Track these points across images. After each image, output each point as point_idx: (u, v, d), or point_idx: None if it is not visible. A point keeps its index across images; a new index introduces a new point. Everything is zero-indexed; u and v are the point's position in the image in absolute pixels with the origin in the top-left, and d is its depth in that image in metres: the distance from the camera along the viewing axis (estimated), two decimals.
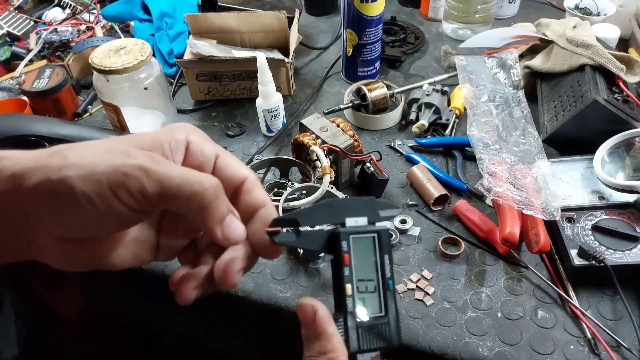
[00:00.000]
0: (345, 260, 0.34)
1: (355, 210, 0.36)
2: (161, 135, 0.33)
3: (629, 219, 0.65)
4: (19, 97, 0.93)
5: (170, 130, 0.34)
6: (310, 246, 0.35)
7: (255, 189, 0.34)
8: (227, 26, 0.97)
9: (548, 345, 0.58)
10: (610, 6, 1.00)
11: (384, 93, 0.87)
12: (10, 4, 1.21)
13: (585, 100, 0.72)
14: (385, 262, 0.35)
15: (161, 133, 0.33)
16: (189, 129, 0.35)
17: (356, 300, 0.33)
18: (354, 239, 0.35)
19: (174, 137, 0.33)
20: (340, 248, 0.34)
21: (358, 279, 0.34)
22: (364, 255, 0.35)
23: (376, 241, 0.36)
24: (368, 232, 0.36)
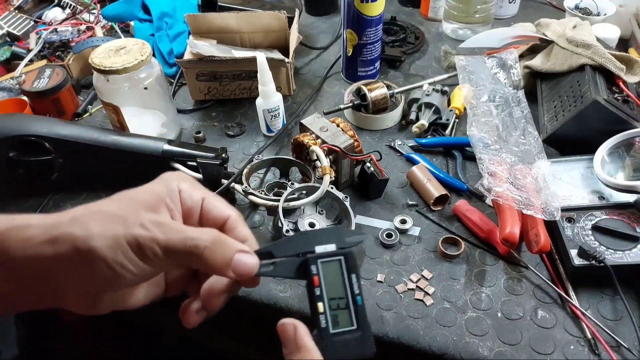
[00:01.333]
0: (315, 282, 0.39)
1: (324, 239, 0.40)
2: (160, 190, 0.39)
3: (629, 219, 0.65)
4: (19, 97, 0.93)
5: (165, 183, 0.40)
6: (285, 274, 0.40)
7: (238, 226, 0.40)
8: (227, 26, 0.97)
9: (548, 345, 0.58)
10: (610, 6, 1.00)
11: (384, 93, 0.87)
12: (10, 4, 1.21)
13: (585, 100, 0.72)
14: (353, 281, 0.39)
15: (158, 188, 0.39)
16: (179, 177, 0.40)
17: (329, 317, 0.38)
18: (322, 262, 0.39)
19: (170, 189, 0.39)
20: (310, 272, 0.39)
21: (329, 297, 0.39)
22: (333, 277, 0.39)
23: (343, 263, 0.40)
24: (335, 256, 0.40)
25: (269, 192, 0.74)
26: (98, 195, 0.78)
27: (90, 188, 0.80)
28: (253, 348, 0.80)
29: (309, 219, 0.67)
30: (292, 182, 0.71)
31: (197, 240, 0.36)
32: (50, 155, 0.74)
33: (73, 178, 0.78)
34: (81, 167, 0.77)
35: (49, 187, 0.79)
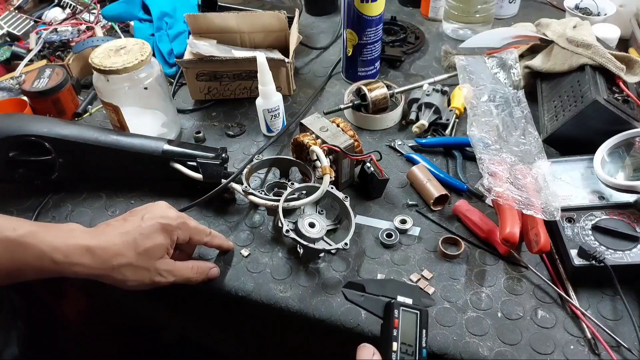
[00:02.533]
0: (395, 324, 0.47)
1: (406, 292, 0.50)
2: (167, 243, 0.60)
3: (629, 219, 0.65)
4: (19, 97, 0.93)
5: (169, 234, 0.60)
6: (372, 309, 0.50)
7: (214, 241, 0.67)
8: (227, 26, 0.97)
9: (548, 345, 0.58)
10: (610, 6, 1.00)
11: (384, 93, 0.87)
12: (10, 4, 1.21)
13: (585, 100, 0.72)
14: (423, 334, 0.48)
15: (165, 242, 0.60)
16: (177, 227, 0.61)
17: (399, 357, 0.46)
18: (403, 310, 0.48)
19: (172, 240, 0.61)
20: (393, 314, 0.48)
21: (402, 342, 0.47)
22: (409, 326, 0.48)
23: (419, 317, 0.49)
24: (414, 309, 0.49)
25: (269, 192, 0.74)
26: (98, 195, 0.79)
27: (90, 188, 0.80)
28: (253, 348, 0.80)
29: (309, 219, 0.67)
30: (292, 182, 0.71)
31: (189, 277, 0.63)
32: (50, 155, 0.74)
33: (73, 178, 0.79)
34: (81, 167, 0.77)
35: (49, 187, 0.79)
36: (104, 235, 0.58)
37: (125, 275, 0.57)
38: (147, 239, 0.58)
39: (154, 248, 0.58)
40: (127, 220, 0.60)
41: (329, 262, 0.68)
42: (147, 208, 0.62)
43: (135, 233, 0.58)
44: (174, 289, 0.70)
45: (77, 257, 0.55)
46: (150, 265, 0.58)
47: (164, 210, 0.62)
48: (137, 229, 0.58)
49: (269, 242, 0.71)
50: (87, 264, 0.55)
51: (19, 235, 0.54)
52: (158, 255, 0.59)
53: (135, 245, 0.57)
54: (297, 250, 0.65)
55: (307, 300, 0.64)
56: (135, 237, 0.57)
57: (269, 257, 0.69)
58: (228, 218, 0.75)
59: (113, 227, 0.59)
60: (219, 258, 0.69)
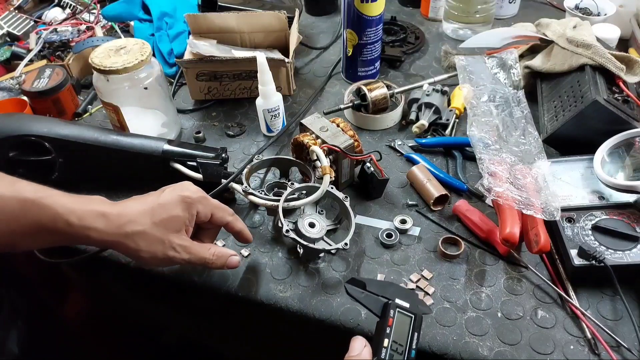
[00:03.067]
0: (389, 322, 0.50)
1: (404, 296, 0.52)
2: (184, 217, 0.58)
3: (629, 219, 0.65)
4: (19, 97, 0.93)
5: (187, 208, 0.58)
6: (370, 305, 0.52)
7: (236, 225, 0.63)
8: (227, 26, 0.97)
9: (548, 345, 0.58)
10: (610, 6, 1.00)
11: (384, 93, 0.87)
12: (10, 4, 1.21)
13: (585, 100, 0.72)
14: (414, 337, 0.50)
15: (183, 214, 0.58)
16: (197, 200, 0.59)
17: (388, 353, 0.48)
18: (399, 311, 0.51)
19: (191, 214, 0.58)
20: (388, 313, 0.50)
21: (393, 340, 0.49)
22: (402, 326, 0.50)
23: (412, 320, 0.51)
24: (409, 312, 0.51)
25: (269, 192, 0.74)
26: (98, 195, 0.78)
27: (91, 188, 0.80)
28: (253, 348, 0.80)
29: (309, 219, 0.67)
30: (292, 182, 0.71)
31: (206, 257, 0.59)
32: (50, 155, 0.74)
33: (73, 178, 0.78)
34: (81, 167, 0.77)
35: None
36: (123, 204, 0.57)
37: (138, 244, 0.55)
38: (164, 210, 0.56)
39: (170, 219, 0.56)
40: (150, 194, 0.60)
41: (329, 262, 0.68)
42: (169, 186, 0.61)
43: (153, 203, 0.57)
44: (174, 288, 0.71)
45: (90, 220, 0.53)
46: (165, 237, 0.56)
47: (185, 186, 0.61)
48: (155, 200, 0.57)
49: (269, 242, 0.71)
50: (101, 229, 0.54)
51: (38, 196, 0.53)
52: (175, 228, 0.57)
53: (152, 215, 0.56)
54: (297, 250, 0.65)
55: (307, 300, 0.64)
56: (153, 206, 0.56)
57: (269, 257, 0.69)
58: None
59: (133, 199, 0.58)
60: None
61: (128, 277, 0.73)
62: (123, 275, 0.75)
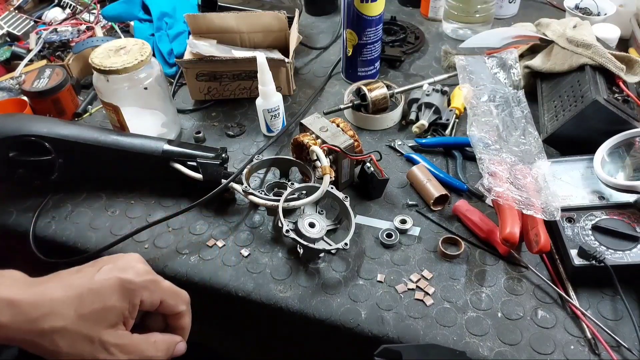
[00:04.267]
0: None
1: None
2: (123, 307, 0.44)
3: (629, 219, 0.65)
4: (19, 97, 0.93)
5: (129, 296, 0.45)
6: None
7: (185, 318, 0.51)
8: (227, 26, 0.97)
9: (548, 345, 0.58)
10: (610, 6, 1.00)
11: (384, 93, 0.87)
12: (10, 4, 1.21)
13: (585, 100, 0.72)
14: None
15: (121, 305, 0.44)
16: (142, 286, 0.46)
17: None
18: None
19: (133, 304, 0.45)
20: None
21: None
22: None
23: None
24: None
25: (269, 192, 0.74)
26: (98, 195, 0.79)
27: (90, 188, 0.80)
28: (253, 348, 0.80)
29: (309, 219, 0.67)
30: (292, 182, 0.71)
31: (149, 354, 0.45)
32: (50, 155, 0.74)
33: (73, 178, 0.78)
34: (81, 167, 0.77)
35: (49, 187, 0.79)
36: (43, 287, 0.43)
37: (57, 344, 0.42)
38: (95, 297, 0.43)
39: (103, 311, 0.43)
40: (81, 270, 0.46)
41: (329, 262, 0.68)
42: (112, 258, 0.48)
43: (81, 287, 0.43)
44: None
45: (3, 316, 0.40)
46: (94, 334, 0.43)
47: (130, 263, 0.47)
48: (85, 283, 0.44)
49: (269, 242, 0.71)
50: (7, 323, 0.41)
51: None
52: (108, 322, 0.44)
53: (79, 304, 0.43)
54: (297, 250, 0.65)
55: (307, 300, 0.64)
56: (80, 292, 0.43)
57: (269, 257, 0.69)
58: (228, 218, 0.75)
59: (60, 278, 0.45)
60: None
61: None
62: None
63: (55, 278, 0.45)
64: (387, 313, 0.61)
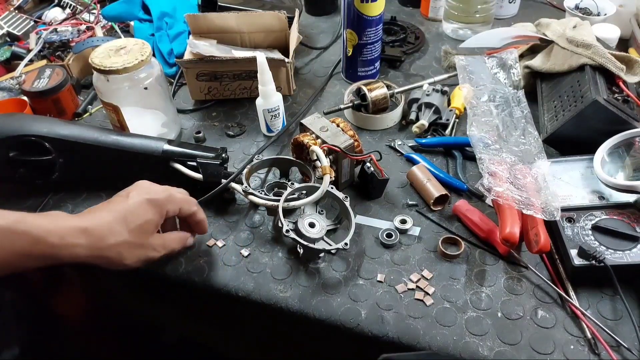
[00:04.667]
0: None
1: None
2: (158, 220, 0.60)
3: (629, 219, 0.65)
4: (19, 97, 0.93)
5: (160, 211, 0.60)
6: None
7: (198, 215, 0.66)
8: (227, 26, 0.97)
9: (548, 345, 0.58)
10: (610, 6, 1.00)
11: (384, 93, 0.87)
12: (10, 4, 1.21)
13: (585, 100, 0.72)
14: None
15: (157, 218, 0.60)
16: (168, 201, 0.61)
17: None
18: None
19: (162, 215, 0.61)
20: None
21: None
22: None
23: None
24: None
25: (269, 192, 0.74)
26: (98, 195, 0.79)
27: (90, 188, 0.80)
28: (253, 348, 0.80)
29: (309, 219, 0.67)
30: (292, 182, 0.71)
31: (175, 247, 0.64)
32: (50, 155, 0.74)
33: (73, 178, 0.78)
34: (81, 167, 0.77)
35: (49, 187, 0.79)
36: (93, 216, 0.57)
37: (121, 253, 0.57)
38: (137, 216, 0.58)
39: (145, 225, 0.58)
40: (112, 201, 0.60)
41: (329, 262, 0.68)
42: (130, 188, 0.62)
43: (124, 211, 0.57)
44: (174, 288, 0.71)
45: (73, 237, 0.54)
46: (144, 241, 0.59)
47: (148, 187, 0.62)
48: (125, 208, 0.58)
49: (269, 242, 0.71)
50: (84, 244, 0.54)
51: (7, 223, 0.52)
52: (150, 231, 0.59)
53: (127, 223, 0.57)
54: (297, 250, 0.65)
55: (307, 300, 0.64)
56: (125, 214, 0.57)
57: (269, 257, 0.69)
58: (228, 218, 0.75)
59: (100, 209, 0.58)
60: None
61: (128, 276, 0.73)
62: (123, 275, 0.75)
63: (98, 209, 0.58)
64: (387, 313, 0.61)
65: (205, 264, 0.68)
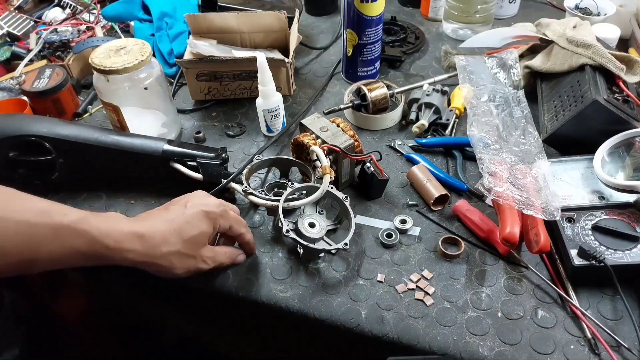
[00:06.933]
0: None
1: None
2: (209, 232, 0.60)
3: (629, 219, 0.65)
4: (19, 97, 0.93)
5: (213, 223, 0.60)
6: None
7: (247, 236, 0.66)
8: (227, 26, 0.97)
9: (548, 345, 0.58)
10: (610, 6, 1.00)
11: (384, 93, 0.87)
12: (10, 4, 1.21)
13: (585, 100, 0.72)
14: None
15: (208, 230, 0.60)
16: (219, 215, 0.61)
17: None
18: None
19: (214, 228, 0.61)
20: None
21: None
22: None
23: None
24: None
25: (269, 192, 0.74)
26: (98, 195, 0.79)
27: (90, 188, 0.80)
28: (253, 348, 0.80)
29: (309, 219, 0.67)
30: (292, 182, 0.71)
31: (223, 261, 0.64)
32: (50, 155, 0.74)
33: (73, 178, 0.78)
34: (81, 167, 0.77)
35: (49, 187, 0.79)
36: (150, 223, 0.58)
37: (172, 262, 0.58)
38: (192, 227, 0.58)
39: (199, 236, 0.59)
40: (169, 209, 0.61)
41: (329, 262, 0.68)
42: (187, 197, 0.63)
43: (180, 221, 0.58)
44: (174, 288, 0.71)
45: (128, 243, 0.55)
46: (196, 252, 0.59)
47: (205, 198, 0.63)
48: (181, 217, 0.58)
49: (269, 242, 0.71)
50: (138, 250, 0.55)
51: (71, 220, 0.53)
52: (203, 243, 0.60)
53: (181, 233, 0.57)
54: (297, 250, 0.65)
55: (307, 300, 0.64)
56: (180, 224, 0.58)
57: (269, 257, 0.69)
58: None
59: (156, 216, 0.59)
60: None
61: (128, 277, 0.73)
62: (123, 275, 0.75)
63: (154, 215, 0.59)
64: (387, 313, 0.61)
65: None
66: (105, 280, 0.79)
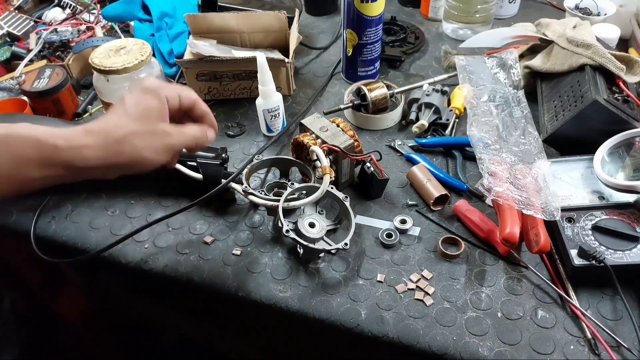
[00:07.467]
0: None
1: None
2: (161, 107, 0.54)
3: (629, 219, 0.65)
4: (19, 97, 0.93)
5: (157, 96, 0.54)
6: None
7: (200, 105, 0.59)
8: (227, 26, 0.97)
9: (548, 345, 0.58)
10: (610, 6, 1.00)
11: (384, 93, 0.87)
12: (10, 4, 1.21)
13: (585, 100, 0.72)
14: None
15: (158, 104, 0.54)
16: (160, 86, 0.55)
17: None
18: None
19: (162, 101, 0.54)
20: None
21: None
22: None
23: None
24: None
25: (269, 192, 0.74)
26: (98, 195, 0.79)
27: (90, 188, 0.80)
28: (253, 348, 0.80)
29: (309, 219, 0.67)
30: (292, 182, 0.71)
31: (197, 135, 0.57)
32: None
33: None
34: None
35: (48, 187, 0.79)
36: (97, 120, 0.54)
37: (135, 145, 0.52)
38: (137, 105, 0.53)
39: (147, 110, 0.54)
40: (109, 110, 0.56)
41: (329, 262, 0.68)
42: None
43: (124, 105, 0.54)
44: (174, 288, 0.71)
45: (78, 139, 0.51)
46: (155, 127, 0.54)
47: (142, 82, 0.60)
48: (123, 105, 0.54)
49: (269, 242, 0.71)
50: (93, 143, 0.51)
51: (15, 128, 0.50)
52: (157, 117, 0.54)
53: (129, 115, 0.53)
54: (297, 250, 0.65)
55: (307, 300, 0.64)
56: (125, 109, 0.53)
57: (269, 257, 0.69)
58: (228, 218, 0.75)
59: (100, 117, 0.55)
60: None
61: (128, 277, 0.73)
62: (123, 275, 0.75)
63: (97, 119, 0.54)
64: (387, 313, 0.61)
65: (204, 264, 0.68)
66: (104, 280, 0.79)
